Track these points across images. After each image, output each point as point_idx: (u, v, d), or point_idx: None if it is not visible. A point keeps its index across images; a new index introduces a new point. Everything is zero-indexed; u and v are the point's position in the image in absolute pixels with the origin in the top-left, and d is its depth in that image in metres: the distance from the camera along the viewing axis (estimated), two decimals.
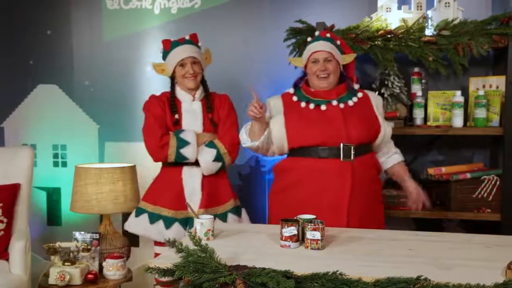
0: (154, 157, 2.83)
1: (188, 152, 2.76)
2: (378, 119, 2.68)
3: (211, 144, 2.82)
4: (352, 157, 2.55)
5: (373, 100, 2.72)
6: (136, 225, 2.90)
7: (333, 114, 2.60)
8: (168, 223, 2.82)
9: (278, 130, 2.63)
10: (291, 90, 2.73)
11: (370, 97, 2.73)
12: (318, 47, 2.65)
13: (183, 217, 2.82)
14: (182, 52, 2.84)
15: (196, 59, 2.85)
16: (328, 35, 2.71)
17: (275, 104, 2.70)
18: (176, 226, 2.81)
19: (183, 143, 2.76)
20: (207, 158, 2.80)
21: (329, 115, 2.60)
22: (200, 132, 2.84)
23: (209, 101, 2.89)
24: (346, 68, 2.75)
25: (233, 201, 2.93)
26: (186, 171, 2.84)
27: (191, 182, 2.83)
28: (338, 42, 2.70)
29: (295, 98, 2.68)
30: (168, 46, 2.88)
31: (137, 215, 2.90)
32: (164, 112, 2.84)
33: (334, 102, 2.62)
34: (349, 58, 2.72)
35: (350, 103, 2.63)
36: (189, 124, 2.84)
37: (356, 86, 2.73)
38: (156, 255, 2.82)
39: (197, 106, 2.89)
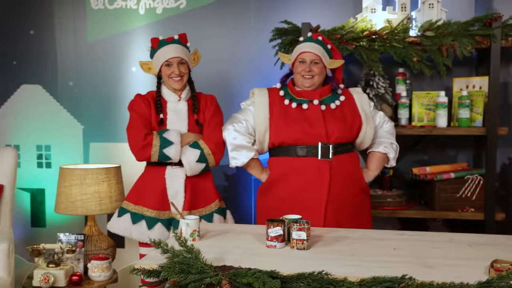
0: (137, 157, 2.80)
1: (171, 152, 2.74)
2: (361, 118, 2.70)
3: (195, 145, 2.80)
4: (330, 156, 2.61)
5: (357, 99, 2.75)
6: (118, 225, 2.86)
7: (313, 113, 2.65)
8: (151, 223, 2.79)
9: (261, 124, 2.69)
10: (278, 85, 2.77)
11: (354, 97, 2.75)
12: (307, 48, 2.69)
13: (166, 218, 2.81)
14: (168, 52, 2.80)
15: (183, 59, 2.81)
16: (320, 38, 2.75)
17: (261, 97, 2.74)
18: (159, 226, 2.79)
19: (166, 143, 2.74)
20: (190, 158, 2.77)
21: (309, 114, 2.65)
22: (185, 132, 2.83)
23: (195, 102, 2.87)
24: (334, 70, 2.79)
25: (218, 202, 2.92)
26: (170, 171, 2.82)
27: (175, 183, 2.81)
28: (329, 46, 2.75)
29: (281, 93, 2.73)
30: (156, 45, 2.84)
31: (119, 215, 2.87)
32: (149, 111, 2.81)
33: (315, 102, 2.66)
34: (336, 64, 2.76)
35: (332, 105, 2.68)
36: (174, 124, 2.82)
37: (341, 86, 2.76)
38: (141, 256, 2.81)
39: (183, 106, 2.86)
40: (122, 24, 3.74)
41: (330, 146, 2.61)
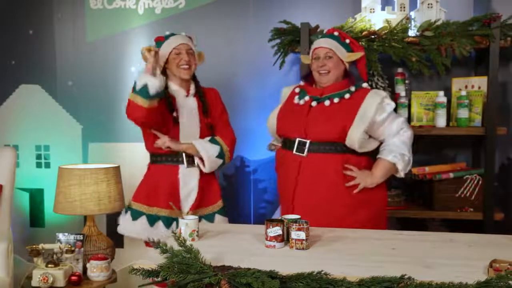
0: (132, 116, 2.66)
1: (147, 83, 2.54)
2: (354, 120, 2.54)
3: (214, 141, 2.79)
4: (305, 153, 2.60)
5: (365, 102, 2.58)
6: (135, 228, 2.80)
7: (302, 108, 2.65)
8: (168, 223, 2.77)
9: (272, 117, 2.78)
10: (301, 82, 2.80)
11: (365, 98, 2.59)
12: (319, 44, 2.68)
13: (178, 216, 2.75)
14: (177, 39, 2.77)
15: (191, 49, 2.80)
16: (336, 33, 2.69)
17: (285, 93, 2.84)
18: (175, 225, 2.72)
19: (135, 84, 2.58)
20: (210, 153, 2.75)
21: (300, 109, 2.66)
22: (197, 136, 2.78)
23: (204, 104, 2.83)
24: (357, 64, 2.72)
25: (221, 203, 2.92)
26: (183, 171, 2.78)
27: (189, 183, 2.78)
28: (347, 41, 2.67)
29: (297, 90, 2.76)
30: (163, 38, 2.81)
31: (134, 218, 2.82)
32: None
33: (307, 98, 2.65)
34: (353, 56, 2.66)
35: (327, 103, 2.61)
36: (187, 126, 2.77)
37: (365, 85, 2.67)
38: None
39: (193, 102, 2.82)
40: (121, 24, 3.74)
41: (307, 142, 2.59)
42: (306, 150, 2.59)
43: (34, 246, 2.79)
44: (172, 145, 2.74)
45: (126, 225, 2.86)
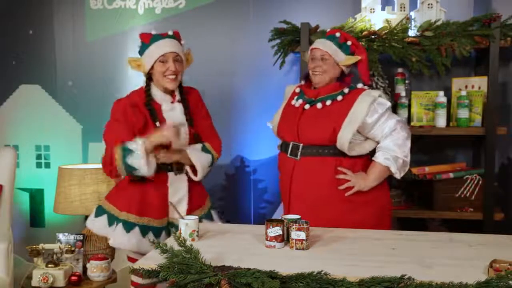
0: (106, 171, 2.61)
1: (135, 162, 2.49)
2: (343, 122, 2.50)
3: (205, 149, 2.71)
4: (298, 156, 2.59)
5: (356, 103, 2.53)
6: (131, 242, 2.65)
7: (296, 111, 2.65)
8: (158, 233, 2.68)
9: (276, 117, 2.77)
10: (302, 82, 2.78)
11: (357, 100, 2.54)
12: (316, 44, 2.65)
13: (166, 224, 2.72)
14: (164, 46, 2.58)
15: (179, 56, 2.60)
16: (337, 34, 2.62)
17: (287, 92, 2.83)
18: (163, 235, 2.70)
19: (127, 151, 2.49)
20: (204, 163, 2.67)
21: (294, 111, 2.66)
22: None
23: (189, 112, 2.69)
24: (358, 67, 2.65)
25: (209, 201, 2.87)
26: (173, 179, 2.67)
27: (179, 191, 2.69)
28: (349, 43, 2.61)
29: (297, 90, 2.75)
30: (148, 39, 2.61)
31: (128, 230, 2.65)
32: (138, 120, 2.60)
33: (300, 100, 2.65)
34: (350, 60, 2.60)
35: (319, 105, 2.57)
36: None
37: (359, 85, 2.62)
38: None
39: (180, 109, 2.67)
40: (121, 24, 3.74)
41: (300, 146, 2.58)
42: (299, 153, 2.59)
43: (34, 246, 2.79)
44: (166, 158, 2.62)
45: (119, 238, 2.66)
